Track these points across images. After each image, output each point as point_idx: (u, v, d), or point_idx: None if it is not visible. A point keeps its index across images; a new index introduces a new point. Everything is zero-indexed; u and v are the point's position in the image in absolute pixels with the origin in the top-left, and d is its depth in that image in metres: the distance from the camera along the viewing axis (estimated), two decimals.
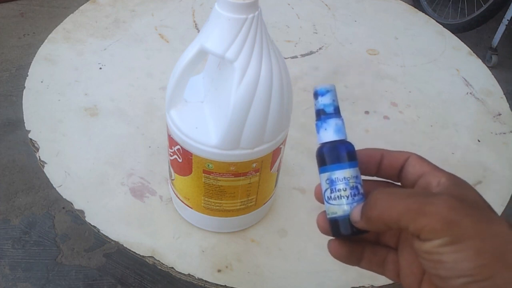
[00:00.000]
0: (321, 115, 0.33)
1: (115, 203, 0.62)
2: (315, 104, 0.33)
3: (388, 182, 0.34)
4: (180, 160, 0.52)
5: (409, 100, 0.84)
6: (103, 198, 0.62)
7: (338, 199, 0.31)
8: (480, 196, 0.29)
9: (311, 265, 0.58)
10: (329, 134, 0.32)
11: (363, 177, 0.33)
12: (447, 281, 0.26)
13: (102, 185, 0.64)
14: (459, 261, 0.26)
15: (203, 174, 0.51)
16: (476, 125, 0.80)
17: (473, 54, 0.96)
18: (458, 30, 2.16)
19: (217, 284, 0.55)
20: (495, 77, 0.91)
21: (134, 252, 0.57)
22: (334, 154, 0.31)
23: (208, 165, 0.50)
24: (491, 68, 1.89)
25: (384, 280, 0.57)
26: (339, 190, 0.31)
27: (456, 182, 0.29)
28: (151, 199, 0.63)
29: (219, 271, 0.57)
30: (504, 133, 0.79)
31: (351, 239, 0.33)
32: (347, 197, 0.31)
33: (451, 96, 0.86)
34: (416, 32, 1.01)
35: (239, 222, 0.59)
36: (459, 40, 1.00)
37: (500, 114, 0.83)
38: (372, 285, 0.57)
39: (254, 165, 0.51)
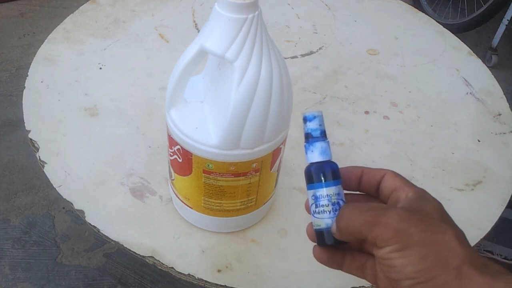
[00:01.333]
0: (308, 138, 0.37)
1: (115, 203, 0.62)
2: (303, 128, 0.37)
3: (369, 195, 0.38)
4: (180, 160, 0.52)
5: (409, 100, 0.84)
6: (103, 198, 0.62)
7: (322, 213, 0.35)
8: (438, 209, 0.32)
9: (311, 265, 0.58)
10: (315, 155, 0.37)
11: (347, 191, 0.37)
12: (398, 282, 0.30)
13: (102, 185, 0.64)
14: (405, 266, 0.29)
15: (203, 174, 0.51)
16: (476, 125, 0.80)
17: (473, 54, 0.96)
18: (458, 30, 2.16)
19: (217, 284, 0.55)
20: (495, 77, 0.91)
21: (134, 252, 0.57)
22: (318, 174, 0.36)
23: (208, 165, 0.50)
24: (491, 68, 1.89)
25: None
26: (322, 206, 0.35)
27: (419, 196, 0.33)
28: (151, 199, 0.63)
29: (219, 271, 0.57)
30: (504, 133, 0.79)
31: (333, 248, 0.37)
32: (329, 212, 0.35)
33: (451, 96, 0.86)
34: (416, 32, 1.01)
35: (239, 222, 0.59)
36: (459, 40, 1.00)
37: (500, 114, 0.83)
38: (373, 286, 0.57)
39: (254, 165, 0.51)
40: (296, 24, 0.99)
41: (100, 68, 0.82)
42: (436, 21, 1.05)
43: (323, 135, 0.37)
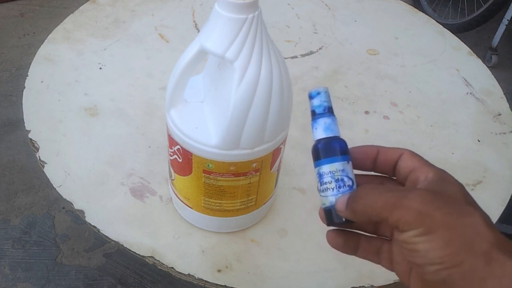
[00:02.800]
0: (313, 115, 0.36)
1: (115, 203, 0.62)
2: (309, 106, 0.36)
3: (384, 176, 0.36)
4: (180, 160, 0.52)
5: (409, 100, 0.84)
6: (103, 198, 0.62)
7: (325, 191, 0.34)
8: (462, 191, 0.31)
9: (311, 265, 0.58)
10: (319, 132, 0.35)
11: (363, 172, 0.35)
12: (422, 268, 0.29)
13: (102, 185, 0.64)
14: (430, 250, 0.28)
15: (203, 174, 0.51)
16: (476, 125, 0.80)
17: (473, 54, 0.96)
18: (458, 30, 2.16)
19: (217, 284, 0.55)
20: (495, 77, 0.91)
21: (134, 252, 0.57)
22: (322, 150, 0.35)
23: (208, 165, 0.50)
24: (491, 68, 1.89)
25: (384, 280, 0.57)
26: (325, 183, 0.34)
27: (441, 177, 0.32)
28: (151, 199, 0.63)
29: (219, 271, 0.57)
30: (504, 133, 0.79)
31: (346, 229, 0.36)
32: (333, 189, 0.34)
33: (451, 96, 0.86)
34: (416, 32, 1.01)
35: (239, 222, 0.59)
36: (459, 40, 1.00)
37: (500, 114, 0.83)
38: (372, 285, 0.57)
39: (254, 165, 0.51)
40: (296, 24, 0.99)
41: (100, 68, 0.82)
42: (436, 21, 1.05)
43: (328, 111, 0.35)
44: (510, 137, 0.79)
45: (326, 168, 0.34)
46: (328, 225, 0.35)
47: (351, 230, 0.36)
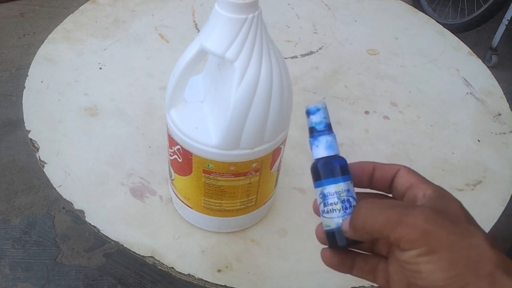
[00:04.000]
0: (313, 132, 0.34)
1: (115, 203, 0.62)
2: (307, 122, 0.35)
3: (381, 194, 0.35)
4: (180, 160, 0.52)
5: (409, 100, 0.84)
6: (103, 198, 0.62)
7: (331, 212, 0.33)
8: (462, 209, 0.30)
9: (311, 265, 0.58)
10: (320, 150, 0.34)
11: (357, 189, 0.34)
12: None
13: (102, 185, 0.64)
14: (434, 272, 0.27)
15: (203, 174, 0.51)
16: (476, 125, 0.80)
17: (473, 54, 0.96)
18: (458, 30, 2.16)
19: (217, 284, 0.55)
20: (495, 77, 0.91)
21: (134, 252, 0.57)
22: (325, 169, 0.33)
23: (208, 165, 0.50)
24: (491, 68, 1.89)
25: None
26: (331, 204, 0.32)
27: (440, 195, 0.31)
28: (151, 199, 0.63)
29: (219, 271, 0.57)
30: (504, 133, 0.79)
31: (345, 249, 0.34)
32: (339, 210, 0.32)
33: (451, 96, 0.86)
34: (416, 32, 1.01)
35: (239, 222, 0.59)
36: (459, 40, 1.00)
37: (500, 114, 0.83)
38: (372, 285, 0.57)
39: (254, 165, 0.51)
40: (296, 24, 0.99)
41: (100, 68, 0.82)
42: (436, 21, 1.05)
43: (328, 128, 0.34)
44: (510, 137, 0.79)
45: (331, 189, 0.33)
46: (331, 247, 0.34)
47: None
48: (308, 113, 0.34)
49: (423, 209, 0.28)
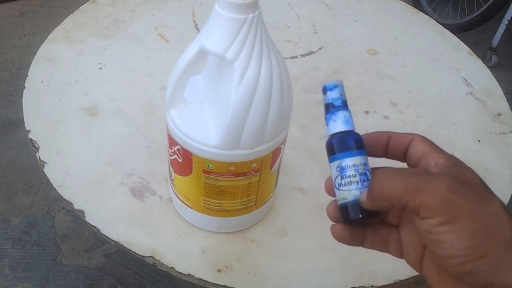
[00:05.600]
0: (330, 108, 0.35)
1: (115, 203, 0.62)
2: (324, 99, 0.35)
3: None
4: (180, 160, 0.52)
5: (409, 100, 0.84)
6: (103, 198, 0.62)
7: (348, 185, 0.33)
8: (477, 176, 0.30)
9: (311, 265, 0.58)
10: (338, 125, 0.34)
11: (373, 159, 0.34)
12: (446, 260, 0.28)
13: (102, 185, 0.64)
14: (455, 241, 0.27)
15: (203, 174, 0.51)
16: (476, 125, 0.80)
17: (473, 54, 0.96)
18: (458, 30, 2.16)
19: (217, 284, 0.55)
20: (495, 77, 0.91)
21: (134, 252, 0.57)
22: (343, 143, 0.33)
23: (208, 165, 0.50)
24: (491, 68, 1.89)
25: (384, 280, 0.57)
26: (349, 177, 0.33)
27: (454, 163, 0.31)
28: (151, 199, 0.63)
29: (219, 271, 0.57)
30: (504, 133, 0.79)
31: (359, 223, 0.34)
32: (357, 182, 0.33)
33: (451, 96, 0.86)
34: (416, 32, 1.01)
35: (239, 222, 0.59)
36: (459, 40, 1.00)
37: (500, 114, 0.83)
38: (372, 285, 0.57)
39: (254, 165, 0.51)
40: (296, 24, 0.99)
41: (100, 68, 0.82)
42: (436, 21, 1.05)
43: (345, 105, 0.35)
44: (510, 137, 0.79)
45: (349, 162, 0.33)
46: (345, 221, 0.34)
47: None
48: (325, 89, 0.35)
49: (444, 177, 0.28)
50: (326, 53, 0.92)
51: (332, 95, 0.35)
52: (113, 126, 0.72)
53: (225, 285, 0.55)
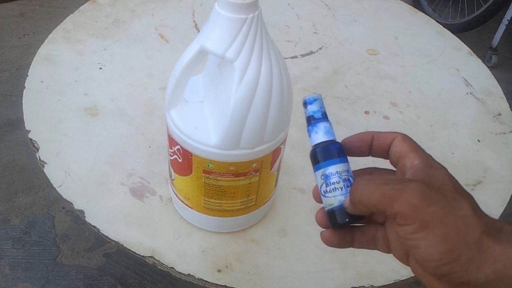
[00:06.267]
0: (311, 120, 0.37)
1: (115, 203, 0.62)
2: (305, 112, 0.37)
3: (373, 168, 0.37)
4: (180, 160, 0.52)
5: (409, 100, 0.84)
6: (103, 198, 0.62)
7: (333, 191, 0.35)
8: (449, 177, 0.31)
9: (311, 265, 0.58)
10: (319, 136, 0.37)
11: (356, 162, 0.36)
12: (423, 264, 0.30)
13: (102, 185, 0.64)
14: (429, 247, 0.29)
15: (203, 174, 0.51)
16: (476, 125, 0.80)
17: (473, 54, 0.96)
18: (458, 30, 2.16)
19: (217, 284, 0.55)
20: (495, 77, 0.91)
21: (134, 252, 0.57)
22: (326, 152, 0.36)
23: (208, 165, 0.50)
24: (491, 68, 1.89)
25: (384, 280, 0.57)
26: (333, 183, 0.35)
27: (428, 164, 0.32)
28: (151, 199, 0.63)
29: (219, 271, 0.57)
30: (504, 133, 0.79)
31: (346, 226, 0.36)
32: (341, 188, 0.34)
33: (451, 96, 0.86)
34: (416, 32, 1.01)
35: (239, 222, 0.59)
36: (459, 40, 1.00)
37: (500, 114, 0.83)
38: (372, 285, 0.57)
39: (254, 165, 0.51)
40: (296, 24, 0.99)
41: (100, 68, 0.82)
42: (436, 21, 1.05)
43: (325, 116, 0.37)
44: (510, 137, 0.79)
45: (333, 169, 0.35)
46: (333, 226, 0.35)
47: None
48: (306, 103, 0.37)
49: (415, 185, 0.29)
50: (326, 53, 0.92)
51: (313, 108, 0.37)
52: (113, 126, 0.72)
53: (225, 285, 0.55)
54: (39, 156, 0.66)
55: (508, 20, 2.02)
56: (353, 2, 1.08)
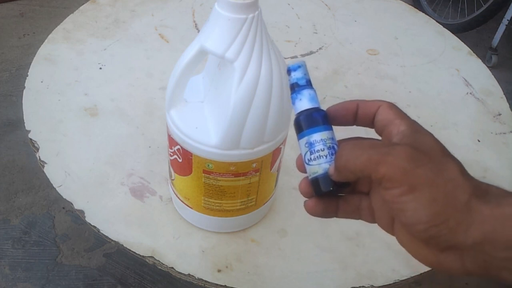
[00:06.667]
0: (295, 88, 0.36)
1: (115, 203, 0.62)
2: (289, 80, 0.36)
3: (359, 138, 0.36)
4: (180, 160, 0.52)
5: (409, 100, 0.84)
6: (103, 198, 0.62)
7: (318, 159, 0.34)
8: (436, 142, 0.31)
9: (311, 265, 0.58)
10: (304, 103, 0.35)
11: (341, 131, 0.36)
12: (410, 227, 0.29)
13: (102, 185, 0.64)
14: (417, 210, 0.28)
15: (203, 174, 0.51)
16: (476, 125, 0.80)
17: (473, 54, 0.96)
18: (458, 30, 2.16)
19: (217, 284, 0.55)
20: (495, 77, 0.91)
21: (134, 252, 0.57)
22: (310, 120, 0.35)
23: (208, 165, 0.50)
24: (491, 68, 1.89)
25: (384, 280, 0.57)
26: (317, 151, 0.34)
27: (414, 130, 0.32)
28: (151, 199, 0.63)
29: (219, 271, 0.57)
30: (504, 133, 0.79)
31: (331, 195, 0.35)
32: (326, 156, 0.34)
33: (451, 96, 0.86)
34: (416, 32, 1.01)
35: (239, 222, 0.59)
36: (459, 40, 1.00)
37: (500, 114, 0.83)
38: (372, 285, 0.57)
39: (254, 165, 0.51)
40: (296, 24, 0.99)
41: (100, 68, 0.82)
42: (436, 21, 1.05)
43: (310, 84, 0.36)
44: (510, 137, 0.79)
45: (317, 137, 0.34)
46: (317, 195, 0.35)
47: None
48: (289, 70, 0.36)
49: (403, 148, 0.29)
50: (326, 53, 0.92)
51: (296, 75, 0.36)
52: (113, 126, 0.72)
53: (225, 285, 0.55)
54: (39, 156, 0.66)
55: (508, 20, 2.02)
56: (353, 2, 1.08)
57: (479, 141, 0.78)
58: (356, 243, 0.61)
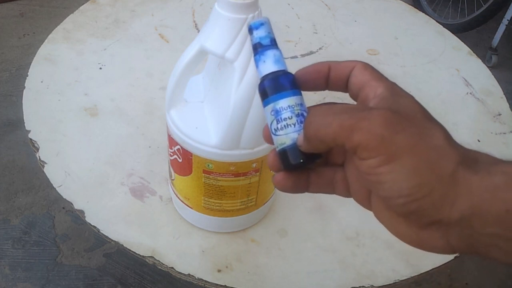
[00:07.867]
0: (258, 48, 0.32)
1: (115, 203, 0.62)
2: (251, 40, 0.32)
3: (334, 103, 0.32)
4: (180, 160, 0.52)
5: None
6: (103, 198, 0.62)
7: (285, 128, 0.30)
8: (417, 104, 0.28)
9: (311, 265, 0.58)
10: (268, 66, 0.32)
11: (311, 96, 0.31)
12: (389, 201, 0.26)
13: (102, 185, 0.64)
14: (397, 181, 0.25)
15: (203, 174, 0.51)
16: (476, 125, 0.80)
17: (473, 54, 0.96)
18: (458, 30, 2.16)
19: (217, 284, 0.55)
20: (495, 77, 0.91)
21: (134, 252, 0.57)
22: (275, 84, 0.31)
23: (208, 165, 0.50)
24: (491, 68, 1.89)
25: (384, 280, 0.57)
26: (285, 119, 0.30)
27: (393, 92, 0.28)
28: (151, 199, 0.63)
29: (219, 271, 0.57)
30: (504, 133, 0.79)
31: (302, 168, 0.32)
32: (294, 125, 0.30)
33: (451, 96, 0.86)
34: (416, 32, 1.01)
35: (239, 222, 0.59)
36: (459, 40, 1.00)
37: (500, 114, 0.83)
38: (372, 285, 0.57)
39: (254, 165, 0.51)
40: (296, 24, 0.99)
41: (100, 68, 0.82)
42: (436, 21, 1.05)
43: (274, 43, 0.32)
44: (510, 137, 0.79)
45: (284, 103, 0.30)
46: (286, 168, 0.31)
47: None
48: (251, 28, 0.32)
49: (380, 112, 0.26)
50: (326, 53, 0.92)
51: (259, 33, 0.32)
52: (113, 126, 0.72)
53: (225, 285, 0.55)
54: (39, 156, 0.66)
55: (508, 20, 2.02)
56: (353, 2, 1.08)
57: (479, 141, 0.78)
58: (356, 243, 0.61)
